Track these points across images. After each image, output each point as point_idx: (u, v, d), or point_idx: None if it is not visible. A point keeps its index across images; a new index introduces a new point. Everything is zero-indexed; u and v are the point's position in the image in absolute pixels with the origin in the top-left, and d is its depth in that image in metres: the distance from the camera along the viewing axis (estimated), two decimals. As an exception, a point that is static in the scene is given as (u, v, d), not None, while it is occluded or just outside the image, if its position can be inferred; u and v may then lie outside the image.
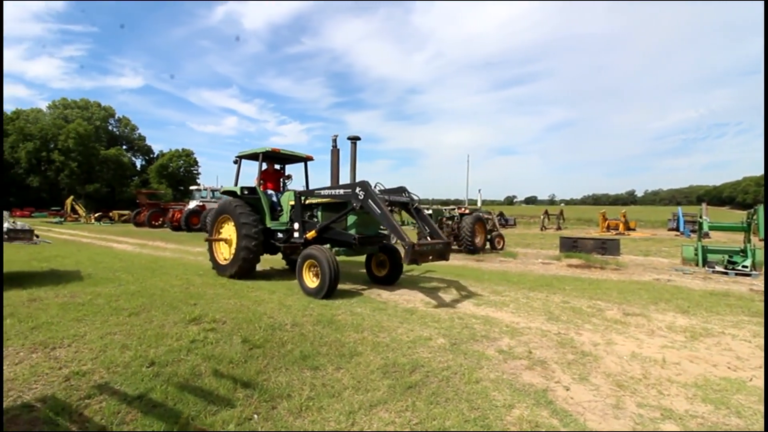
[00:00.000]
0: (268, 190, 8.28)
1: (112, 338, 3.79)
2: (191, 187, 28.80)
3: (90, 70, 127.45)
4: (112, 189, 59.14)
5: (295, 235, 7.16)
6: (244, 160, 8.44)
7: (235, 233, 7.44)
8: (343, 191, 6.48)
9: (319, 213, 7.24)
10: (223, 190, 8.69)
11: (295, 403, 2.65)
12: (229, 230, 7.81)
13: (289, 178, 8.84)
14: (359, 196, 6.03)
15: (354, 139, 7.52)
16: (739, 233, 10.24)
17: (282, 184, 8.78)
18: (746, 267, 8.76)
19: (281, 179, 8.80)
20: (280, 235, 7.59)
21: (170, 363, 3.23)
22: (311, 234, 6.78)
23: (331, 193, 6.70)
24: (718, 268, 9.07)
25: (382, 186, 6.58)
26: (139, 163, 71.34)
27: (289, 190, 7.97)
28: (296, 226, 7.15)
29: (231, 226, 7.71)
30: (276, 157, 8.44)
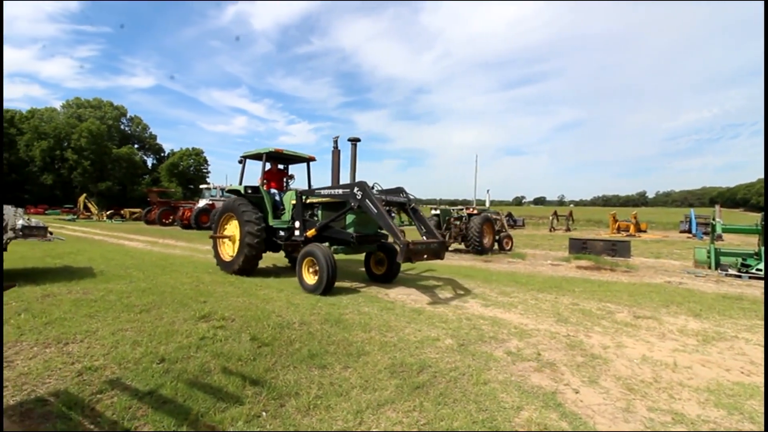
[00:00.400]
0: (271, 189, 8.42)
1: (124, 334, 3.84)
2: (201, 186, 29.11)
3: (102, 70, 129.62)
4: (124, 187, 60.07)
5: (296, 233, 7.33)
6: (250, 160, 8.59)
7: (239, 231, 7.55)
8: (341, 191, 6.63)
9: (320, 212, 7.37)
10: (227, 189, 8.81)
11: (303, 402, 2.66)
12: (233, 228, 7.95)
13: (292, 177, 9.02)
14: (357, 196, 6.16)
15: (354, 141, 7.69)
16: (753, 236, 10.04)
17: (285, 183, 8.90)
18: (760, 270, 8.58)
19: (284, 179, 8.94)
20: (281, 233, 7.73)
21: (180, 360, 3.27)
22: (311, 232, 6.95)
23: (330, 193, 6.87)
24: (732, 271, 8.90)
25: (379, 186, 6.77)
26: (150, 161, 72.49)
27: (291, 190, 8.12)
28: (297, 225, 7.33)
29: (235, 224, 7.85)
30: (279, 158, 8.58)
